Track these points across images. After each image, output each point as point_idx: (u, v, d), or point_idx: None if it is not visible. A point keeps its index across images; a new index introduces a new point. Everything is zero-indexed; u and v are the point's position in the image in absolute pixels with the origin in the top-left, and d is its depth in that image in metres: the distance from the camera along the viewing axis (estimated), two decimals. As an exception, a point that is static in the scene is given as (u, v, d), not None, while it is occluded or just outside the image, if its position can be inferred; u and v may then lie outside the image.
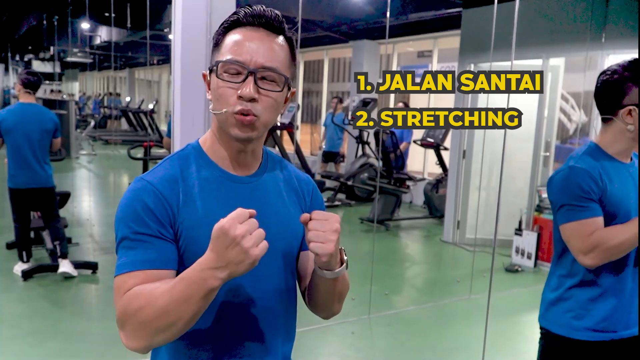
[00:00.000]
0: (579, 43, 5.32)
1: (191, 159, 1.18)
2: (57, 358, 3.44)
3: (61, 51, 14.21)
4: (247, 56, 1.10)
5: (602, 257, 1.77)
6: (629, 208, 1.84)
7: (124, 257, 1.09)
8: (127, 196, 1.12)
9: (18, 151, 4.52)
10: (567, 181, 1.85)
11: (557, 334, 1.93)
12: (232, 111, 1.10)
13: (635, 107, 1.78)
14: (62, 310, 4.26)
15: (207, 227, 1.02)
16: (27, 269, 4.72)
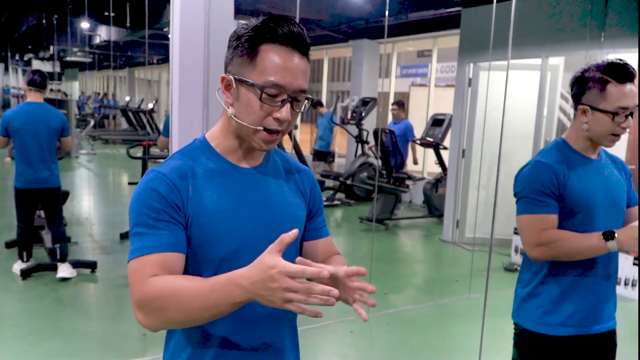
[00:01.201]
0: (579, 42, 5.32)
1: (199, 153, 1.24)
2: (57, 357, 3.44)
3: (60, 50, 14.21)
4: (288, 80, 1.14)
5: (549, 255, 1.82)
6: (593, 204, 1.87)
7: (138, 242, 1.13)
8: (141, 186, 1.17)
9: (25, 151, 4.51)
10: (530, 175, 1.89)
11: (529, 329, 1.96)
12: (263, 127, 1.17)
13: (590, 108, 1.81)
14: (61, 309, 4.26)
15: (215, 216, 1.16)
16: (25, 268, 4.72)
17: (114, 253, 5.65)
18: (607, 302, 1.96)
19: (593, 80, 1.80)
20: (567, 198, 1.85)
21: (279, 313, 1.24)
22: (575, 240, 1.78)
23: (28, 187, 4.55)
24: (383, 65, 10.36)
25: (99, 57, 16.24)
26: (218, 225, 1.18)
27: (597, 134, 1.84)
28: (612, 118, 1.78)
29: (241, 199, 1.22)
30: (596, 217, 1.88)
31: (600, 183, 1.91)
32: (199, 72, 3.31)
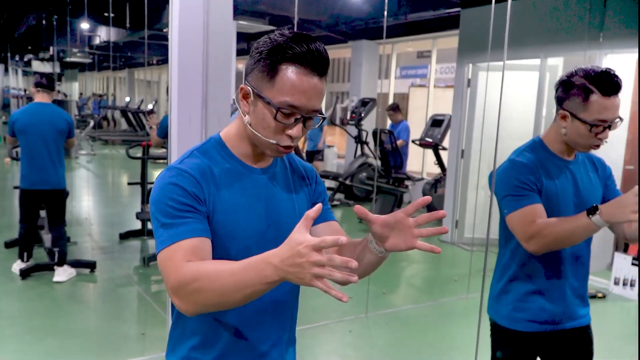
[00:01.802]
0: (577, 43, 5.33)
1: (215, 152, 1.29)
2: (56, 356, 3.44)
3: (60, 51, 14.22)
4: (303, 102, 1.18)
5: (544, 244, 1.80)
6: (563, 207, 1.88)
7: (166, 233, 1.16)
8: (163, 181, 1.21)
9: (31, 151, 4.52)
10: (506, 174, 1.91)
11: (502, 325, 2.00)
12: (278, 143, 1.22)
13: (570, 115, 1.81)
14: (60, 308, 4.27)
15: (231, 214, 1.23)
16: (25, 268, 4.73)
17: (112, 253, 5.65)
18: (577, 299, 1.98)
19: (578, 88, 1.79)
20: (544, 200, 1.86)
21: (283, 305, 1.34)
22: (563, 223, 1.77)
23: (33, 187, 4.56)
24: (382, 66, 10.34)
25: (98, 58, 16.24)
26: (233, 222, 1.24)
27: (574, 141, 1.85)
28: (589, 129, 1.78)
29: (253, 198, 1.28)
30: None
31: (571, 186, 1.92)
32: (197, 72, 3.31)
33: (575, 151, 1.95)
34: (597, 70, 1.78)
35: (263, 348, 1.32)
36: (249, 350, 1.31)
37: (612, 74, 1.77)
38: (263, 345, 1.32)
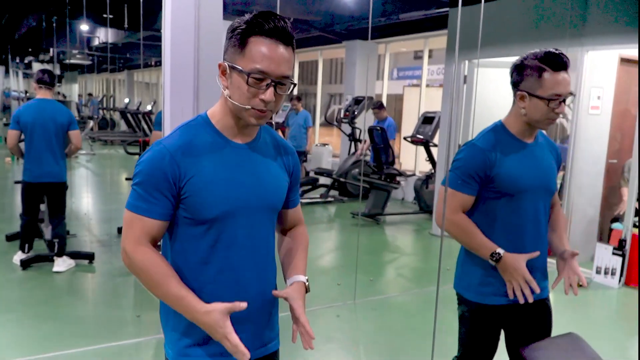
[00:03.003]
0: (559, 40, 5.48)
1: (201, 128, 1.45)
2: (54, 339, 3.60)
3: (60, 52, 14.38)
4: (272, 68, 1.34)
5: (453, 232, 2.10)
6: (523, 187, 2.03)
7: (137, 200, 1.39)
8: (148, 157, 1.40)
9: (35, 145, 4.69)
10: (465, 155, 2.07)
11: (469, 299, 2.15)
12: (253, 107, 1.37)
13: (527, 94, 1.97)
14: (59, 296, 4.43)
15: (210, 183, 1.39)
16: (25, 259, 4.89)
17: (110, 246, 5.81)
18: (538, 273, 2.12)
19: (531, 69, 1.95)
20: (497, 180, 2.01)
21: (260, 264, 1.50)
22: (474, 238, 2.04)
23: (36, 180, 4.73)
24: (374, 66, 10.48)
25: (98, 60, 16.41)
26: (212, 191, 1.39)
27: (534, 118, 2.00)
28: (547, 104, 1.94)
29: (234, 170, 1.44)
30: (524, 199, 2.04)
31: (531, 167, 2.06)
32: (189, 67, 3.49)
33: (535, 133, 2.12)
34: (544, 50, 1.95)
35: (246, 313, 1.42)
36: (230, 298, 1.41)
37: (559, 53, 1.94)
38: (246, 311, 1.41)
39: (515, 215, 2.05)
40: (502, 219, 2.06)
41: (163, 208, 1.39)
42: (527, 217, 2.06)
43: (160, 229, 1.41)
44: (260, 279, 1.51)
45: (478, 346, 2.21)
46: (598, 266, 5.22)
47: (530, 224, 2.07)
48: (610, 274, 5.14)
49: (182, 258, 1.45)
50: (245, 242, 1.45)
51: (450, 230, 2.08)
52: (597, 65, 5.57)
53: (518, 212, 2.05)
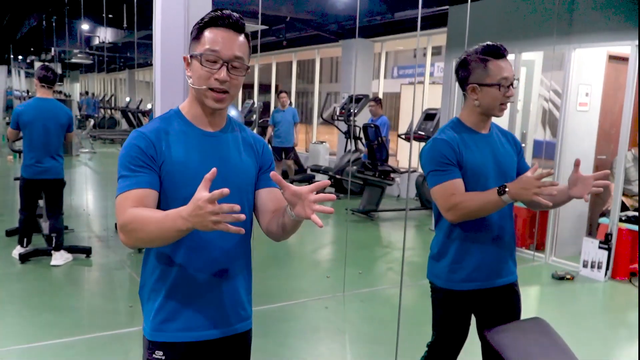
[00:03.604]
0: (547, 38, 5.58)
1: (173, 119, 1.60)
2: (51, 328, 3.72)
3: (62, 52, 14.53)
4: (222, 48, 1.50)
5: (460, 215, 2.08)
6: (484, 175, 2.14)
7: (123, 182, 1.48)
8: (128, 142, 1.54)
9: (34, 143, 4.81)
10: (431, 151, 2.17)
11: (440, 286, 2.26)
12: (209, 87, 1.51)
13: (478, 85, 2.09)
14: (56, 288, 4.57)
15: (181, 166, 1.52)
16: (24, 253, 5.02)
17: (108, 241, 5.94)
18: (505, 258, 2.23)
19: (476, 61, 2.10)
20: (465, 171, 2.12)
21: (231, 244, 1.60)
22: (476, 198, 2.05)
23: (34, 177, 4.85)
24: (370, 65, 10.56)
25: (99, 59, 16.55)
26: (183, 173, 1.52)
27: (488, 106, 2.11)
28: (498, 89, 2.06)
29: (203, 155, 1.56)
30: (487, 185, 2.12)
31: (490, 155, 2.17)
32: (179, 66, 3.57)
33: (489, 124, 2.22)
34: (483, 44, 2.11)
35: (213, 278, 1.57)
36: (197, 278, 1.56)
37: (497, 44, 2.09)
38: (213, 276, 1.57)
39: None
40: None
41: (151, 177, 1.49)
42: None
43: (151, 198, 1.47)
44: (230, 258, 1.61)
45: (450, 331, 2.31)
46: (585, 260, 5.31)
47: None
48: (596, 267, 5.24)
49: None
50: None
51: (458, 214, 2.08)
52: (585, 63, 5.66)
53: None
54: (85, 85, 25.69)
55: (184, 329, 1.57)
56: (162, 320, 1.58)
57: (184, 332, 1.57)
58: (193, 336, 1.58)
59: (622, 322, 4.39)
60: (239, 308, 1.66)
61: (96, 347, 3.50)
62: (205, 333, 1.59)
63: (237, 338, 1.67)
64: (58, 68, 16.95)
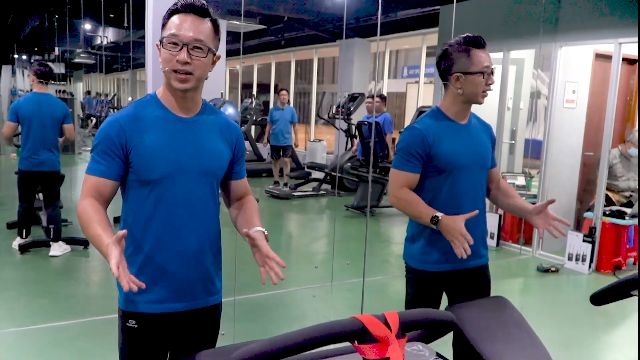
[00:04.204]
0: (534, 36, 5.70)
1: (149, 103, 1.70)
2: (46, 313, 3.88)
3: (65, 52, 14.70)
4: (182, 32, 1.59)
5: (397, 206, 2.30)
6: (460, 164, 2.26)
7: (91, 163, 1.65)
8: (103, 126, 1.67)
9: (32, 136, 4.98)
10: (406, 137, 2.30)
11: (414, 267, 2.38)
12: (172, 69, 1.60)
13: (462, 74, 2.22)
14: (53, 277, 4.72)
15: (153, 149, 1.63)
16: (23, 244, 5.19)
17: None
18: (475, 242, 2.30)
19: (458, 52, 2.21)
20: (436, 158, 2.24)
21: (200, 225, 1.72)
22: (414, 206, 2.23)
23: (31, 169, 5.02)
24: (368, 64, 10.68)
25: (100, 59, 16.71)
26: (154, 155, 1.63)
27: (471, 94, 2.23)
28: (482, 76, 2.19)
29: (175, 139, 1.66)
30: (461, 175, 2.26)
31: (467, 145, 2.29)
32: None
33: (469, 115, 2.34)
34: (464, 35, 2.23)
35: (183, 256, 1.69)
36: (168, 256, 1.68)
37: (477, 35, 2.21)
38: (183, 254, 1.69)
39: (454, 190, 2.27)
40: (443, 194, 2.27)
41: (109, 168, 1.62)
42: (464, 191, 2.28)
43: (107, 186, 1.63)
44: (199, 236, 1.72)
45: (421, 307, 2.44)
46: (570, 253, 5.43)
47: (468, 196, 2.29)
48: (580, 260, 5.36)
49: (131, 217, 1.69)
50: (184, 202, 1.67)
51: (396, 204, 2.30)
52: (572, 61, 5.79)
53: (456, 186, 2.27)
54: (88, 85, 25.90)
55: (155, 301, 1.68)
56: (134, 292, 1.64)
57: (154, 304, 1.68)
58: (163, 308, 1.69)
59: (600, 311, 4.51)
60: (208, 283, 1.77)
61: (90, 330, 3.65)
62: (175, 305, 1.70)
63: (206, 310, 1.78)
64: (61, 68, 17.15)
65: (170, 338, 1.74)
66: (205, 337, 1.81)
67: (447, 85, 2.30)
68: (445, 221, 2.15)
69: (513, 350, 2.18)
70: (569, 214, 6.09)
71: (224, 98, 7.71)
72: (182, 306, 1.72)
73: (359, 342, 1.07)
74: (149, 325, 1.70)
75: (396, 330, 1.07)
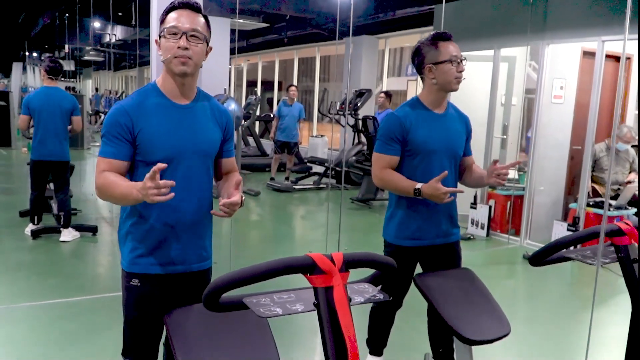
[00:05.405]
0: (522, 34, 5.94)
1: (150, 92, 1.93)
2: (56, 291, 4.17)
3: (75, 49, 15.04)
4: (180, 23, 1.84)
5: (384, 186, 2.58)
6: (432, 149, 2.52)
7: (104, 147, 1.87)
8: (110, 113, 1.90)
9: (42, 128, 5.29)
10: (386, 123, 2.58)
11: (391, 242, 2.67)
12: (174, 55, 1.83)
13: (433, 65, 2.48)
14: (63, 259, 5.03)
15: (155, 133, 1.87)
16: (35, 229, 5.49)
17: (113, 221, 6.39)
18: (445, 222, 2.62)
19: (427, 46, 2.49)
20: (411, 142, 2.51)
21: (195, 201, 1.97)
22: (399, 184, 2.50)
23: (42, 158, 5.32)
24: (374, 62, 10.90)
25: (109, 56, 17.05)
26: (157, 141, 1.87)
27: (445, 82, 2.47)
28: (451, 64, 2.44)
29: (175, 124, 1.91)
30: (433, 159, 2.52)
31: (440, 133, 2.55)
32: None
33: (445, 105, 2.59)
34: (432, 33, 2.51)
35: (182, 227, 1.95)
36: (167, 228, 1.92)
37: (442, 31, 2.48)
38: (183, 225, 1.94)
39: (427, 171, 2.52)
40: (417, 174, 2.53)
41: (121, 150, 1.86)
42: (435, 173, 2.50)
43: (120, 167, 1.86)
44: (195, 209, 1.97)
45: (395, 279, 2.71)
46: (555, 242, 5.66)
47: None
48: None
49: None
50: (183, 179, 1.89)
51: (381, 184, 2.58)
52: (560, 58, 6.02)
53: (429, 168, 2.52)
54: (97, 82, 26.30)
55: (155, 264, 1.95)
56: (136, 256, 1.95)
57: (154, 266, 1.95)
58: (162, 269, 1.95)
59: (578, 295, 4.77)
60: (201, 250, 2.03)
61: (98, 305, 3.93)
62: (172, 268, 1.97)
63: (198, 274, 2.04)
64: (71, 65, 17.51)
65: (167, 296, 1.98)
66: (198, 298, 2.06)
67: (423, 78, 2.56)
68: (426, 190, 2.42)
69: (472, 314, 2.44)
70: (557, 205, 6.33)
71: (227, 94, 8.00)
72: (179, 269, 1.97)
73: (310, 275, 1.34)
74: (150, 283, 1.95)
75: (340, 266, 1.34)
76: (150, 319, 1.97)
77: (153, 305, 1.97)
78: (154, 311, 1.96)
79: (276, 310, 1.36)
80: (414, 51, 2.54)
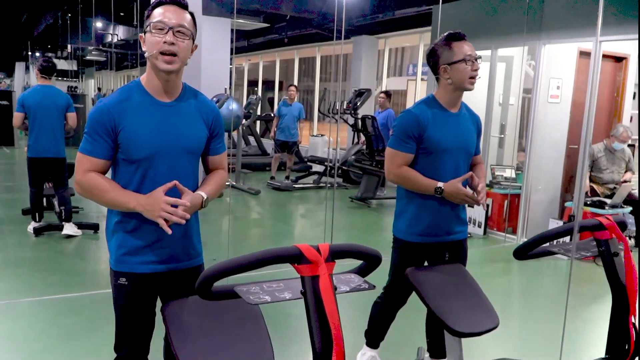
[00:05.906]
0: (517, 34, 5.99)
1: (133, 90, 1.89)
2: (57, 286, 4.24)
3: (77, 49, 15.14)
4: (167, 18, 1.82)
5: (397, 182, 2.61)
6: (445, 148, 2.56)
7: (85, 143, 1.86)
8: (94, 109, 1.87)
9: (37, 125, 5.36)
10: (402, 119, 2.61)
11: (400, 238, 2.71)
12: (160, 51, 1.81)
13: (447, 65, 2.53)
14: (65, 256, 5.10)
15: (138, 130, 1.83)
16: (37, 227, 5.57)
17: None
18: (455, 219, 2.67)
19: (442, 47, 2.53)
20: (426, 140, 2.54)
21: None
22: (417, 182, 2.53)
23: (38, 155, 5.40)
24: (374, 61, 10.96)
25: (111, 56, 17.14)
26: (139, 137, 1.83)
27: (460, 81, 2.51)
28: (465, 63, 2.48)
29: (158, 122, 1.86)
30: (446, 158, 2.56)
31: (454, 132, 2.58)
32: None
33: (459, 104, 2.63)
34: (446, 34, 2.54)
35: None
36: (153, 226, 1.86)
37: (456, 31, 2.52)
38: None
39: (440, 169, 2.57)
40: (430, 172, 2.57)
41: (103, 149, 1.84)
42: (448, 171, 2.58)
43: (102, 165, 1.86)
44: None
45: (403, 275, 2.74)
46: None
47: (451, 176, 2.58)
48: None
49: None
50: (167, 178, 1.87)
51: (396, 181, 2.60)
52: (557, 58, 6.07)
53: (442, 166, 2.57)
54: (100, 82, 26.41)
55: (142, 262, 1.93)
56: (123, 254, 1.94)
57: (141, 265, 1.93)
58: (149, 268, 1.94)
59: (574, 292, 4.82)
60: (190, 248, 2.01)
61: (98, 301, 3.99)
62: (160, 267, 1.95)
63: (188, 271, 2.01)
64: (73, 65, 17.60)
65: (155, 294, 2.00)
66: (187, 295, 1.99)
67: (438, 79, 2.59)
68: (448, 189, 2.49)
69: (462, 307, 2.50)
70: (554, 204, 6.39)
71: (227, 94, 8.06)
72: (168, 267, 1.96)
73: (298, 264, 1.40)
74: (137, 282, 1.94)
75: (326, 256, 1.41)
76: (140, 316, 1.99)
77: (141, 303, 1.98)
78: (142, 309, 1.99)
79: (265, 297, 1.43)
80: (429, 52, 2.58)
